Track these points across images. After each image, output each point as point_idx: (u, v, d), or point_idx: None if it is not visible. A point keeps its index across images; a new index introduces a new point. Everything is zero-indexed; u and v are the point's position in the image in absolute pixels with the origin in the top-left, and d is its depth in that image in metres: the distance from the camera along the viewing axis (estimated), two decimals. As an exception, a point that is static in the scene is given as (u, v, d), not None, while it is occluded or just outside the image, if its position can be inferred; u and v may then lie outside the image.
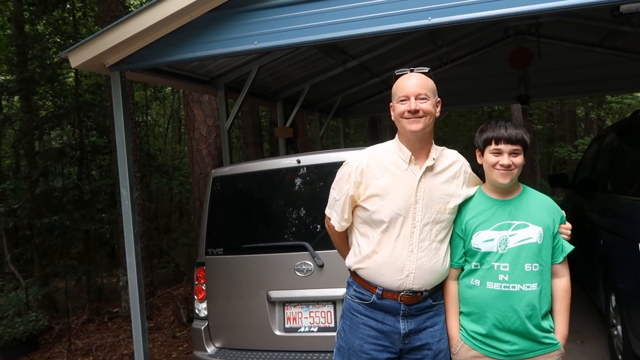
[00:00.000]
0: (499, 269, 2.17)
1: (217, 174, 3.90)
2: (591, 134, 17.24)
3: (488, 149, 2.21)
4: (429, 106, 2.22)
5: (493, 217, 2.23)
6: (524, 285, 2.15)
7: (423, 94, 2.22)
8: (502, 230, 2.20)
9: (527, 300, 2.15)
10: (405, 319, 2.26)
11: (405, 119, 2.22)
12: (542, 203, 2.26)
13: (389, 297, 2.25)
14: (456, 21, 3.25)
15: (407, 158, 2.27)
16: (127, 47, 3.76)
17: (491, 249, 2.19)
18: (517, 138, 2.16)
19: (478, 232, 2.23)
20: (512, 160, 2.17)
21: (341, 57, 6.65)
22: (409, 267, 2.21)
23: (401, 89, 2.25)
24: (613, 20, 6.57)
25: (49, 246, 8.93)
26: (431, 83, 2.29)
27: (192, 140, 6.91)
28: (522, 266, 2.16)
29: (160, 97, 14.08)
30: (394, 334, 2.26)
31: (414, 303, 2.25)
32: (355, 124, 17.18)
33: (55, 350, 6.53)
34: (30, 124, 9.13)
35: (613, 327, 4.09)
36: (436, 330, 2.29)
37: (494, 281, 2.18)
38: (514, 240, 2.18)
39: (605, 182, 4.82)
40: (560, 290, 2.25)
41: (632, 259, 3.43)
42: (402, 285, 2.22)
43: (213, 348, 3.70)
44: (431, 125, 2.27)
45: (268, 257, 3.60)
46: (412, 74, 2.28)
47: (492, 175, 2.23)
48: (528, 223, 2.19)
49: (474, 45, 8.61)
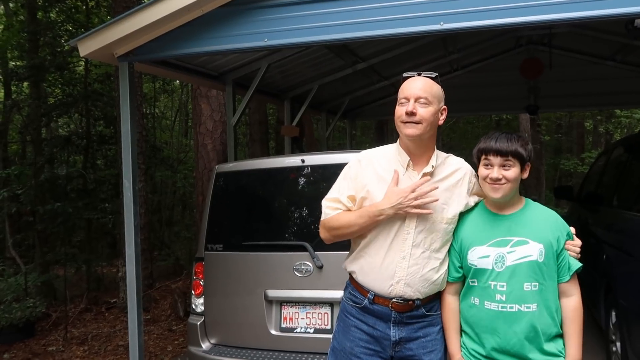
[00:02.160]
0: (495, 289, 2.07)
1: (220, 169, 3.89)
2: (599, 147, 17.17)
3: (481, 161, 2.13)
4: (429, 112, 2.15)
5: (490, 233, 2.14)
6: (523, 306, 2.04)
7: (424, 97, 2.16)
8: (499, 247, 2.09)
9: (526, 322, 2.04)
10: (397, 326, 2.22)
11: (402, 122, 2.17)
12: (545, 218, 2.14)
13: (380, 302, 2.22)
14: (468, 27, 3.22)
15: (405, 163, 2.24)
16: (137, 39, 3.75)
17: (486, 266, 2.10)
18: (507, 150, 2.05)
19: (474, 248, 2.14)
20: (502, 174, 2.06)
21: (351, 58, 6.63)
22: (399, 273, 2.18)
23: (403, 91, 2.21)
24: (626, 34, 6.53)
25: (51, 233, 8.95)
26: (437, 88, 2.22)
27: (197, 134, 6.90)
28: (520, 285, 2.05)
29: (169, 90, 14.11)
30: (384, 339, 2.24)
31: (405, 311, 2.21)
32: (363, 126, 17.15)
33: (51, 338, 6.53)
34: (38, 111, 9.16)
35: (612, 344, 4.05)
36: (428, 341, 2.24)
37: (491, 301, 2.08)
38: (512, 257, 2.07)
39: (611, 196, 4.78)
40: (570, 310, 2.11)
41: (634, 276, 3.40)
42: (393, 292, 2.19)
43: (208, 344, 3.69)
44: (430, 132, 2.20)
45: (267, 256, 3.58)
46: (418, 78, 2.23)
47: (485, 189, 2.14)
48: (528, 240, 2.07)
49: (485, 53, 8.57)
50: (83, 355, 5.93)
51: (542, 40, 8.09)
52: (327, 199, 2.37)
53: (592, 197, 5.36)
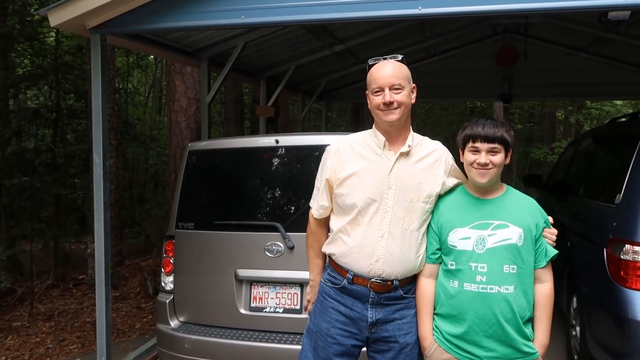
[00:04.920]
0: (476, 270, 2.13)
1: (193, 147, 3.85)
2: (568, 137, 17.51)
3: (467, 147, 2.18)
4: (404, 97, 2.21)
5: (471, 215, 2.19)
6: (502, 287, 2.10)
7: (397, 84, 2.20)
8: (480, 230, 2.15)
9: (505, 303, 2.10)
10: (374, 307, 2.26)
11: (381, 110, 2.22)
12: (525, 205, 2.22)
13: (359, 282, 2.25)
14: (446, 13, 3.24)
15: (381, 143, 2.27)
16: (110, 10, 3.66)
17: (467, 247, 2.15)
18: (494, 136, 2.12)
19: (455, 230, 2.19)
20: (489, 159, 2.13)
21: (329, 40, 6.59)
22: (378, 252, 2.21)
23: (375, 80, 2.23)
24: (600, 26, 6.63)
25: (18, 207, 8.75)
26: (405, 70, 2.26)
27: (171, 111, 6.80)
28: (500, 267, 2.11)
29: (143, 65, 13.82)
30: (361, 321, 2.27)
31: (383, 292, 2.25)
32: (339, 108, 17.13)
33: (16, 313, 6.44)
34: (5, 82, 8.87)
35: (572, 328, 4.18)
36: (404, 323, 2.28)
37: (471, 282, 2.13)
38: (492, 240, 2.13)
39: (577, 186, 4.90)
40: (542, 296, 2.20)
41: (596, 263, 3.50)
42: (372, 271, 2.22)
43: (177, 322, 3.68)
44: (407, 113, 2.27)
45: (239, 235, 3.57)
46: (386, 63, 2.25)
47: (470, 174, 2.20)
48: (508, 223, 2.14)
49: (462, 40, 8.61)
50: (49, 331, 5.87)
51: (519, 29, 8.15)
52: (313, 201, 2.47)
53: (560, 186, 5.47)
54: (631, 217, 3.26)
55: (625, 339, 3.13)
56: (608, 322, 3.36)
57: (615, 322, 3.24)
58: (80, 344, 5.48)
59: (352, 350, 2.31)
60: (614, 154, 4.37)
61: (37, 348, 5.44)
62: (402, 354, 2.27)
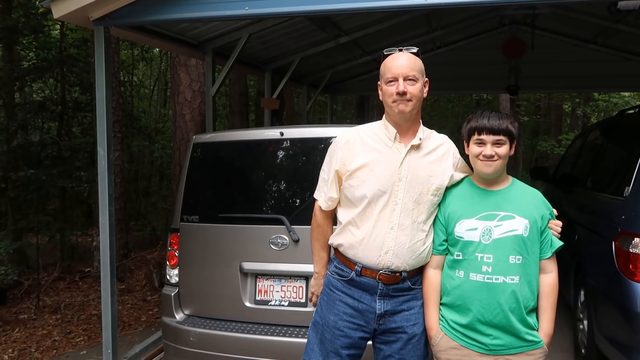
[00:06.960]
0: (482, 260, 2.14)
1: (197, 140, 3.83)
2: (575, 129, 17.40)
3: (472, 139, 2.19)
4: (417, 89, 2.21)
5: (478, 207, 2.21)
6: (508, 278, 2.12)
7: (412, 75, 2.19)
8: (487, 221, 2.17)
9: (510, 293, 2.12)
10: (382, 299, 2.26)
11: (393, 101, 2.20)
12: (531, 197, 2.24)
13: (367, 274, 2.25)
14: (453, 3, 3.20)
15: (392, 136, 2.27)
16: (114, 2, 3.65)
17: (473, 238, 2.16)
18: (500, 128, 2.12)
19: (462, 221, 2.20)
20: (495, 151, 2.13)
21: (334, 31, 6.54)
22: (388, 244, 2.21)
23: (390, 70, 2.22)
24: (609, 17, 6.55)
25: (24, 201, 8.79)
26: (420, 63, 2.25)
27: (176, 104, 6.78)
28: (506, 258, 2.13)
29: (148, 57, 13.82)
30: (369, 313, 2.27)
31: (392, 283, 2.25)
32: (344, 101, 17.08)
33: (22, 306, 6.47)
34: (11, 74, 8.88)
35: (579, 322, 4.16)
36: (412, 314, 2.29)
37: (477, 272, 2.15)
38: (499, 231, 2.15)
39: (585, 178, 4.85)
40: (547, 286, 2.23)
41: (604, 257, 3.47)
42: (381, 263, 2.21)
43: (182, 315, 3.68)
44: (419, 107, 2.26)
45: (244, 228, 3.56)
46: (401, 54, 2.25)
47: (476, 166, 2.21)
48: (514, 215, 2.16)
49: (468, 31, 8.54)
50: (55, 323, 5.89)
51: (525, 21, 8.08)
52: (319, 193, 2.43)
53: (567, 179, 5.43)
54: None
55: (633, 332, 3.10)
56: (616, 315, 3.34)
57: (623, 315, 3.21)
58: (86, 336, 5.51)
59: (359, 342, 2.32)
60: (623, 147, 4.32)
61: (43, 340, 5.47)
62: (409, 344, 2.28)
